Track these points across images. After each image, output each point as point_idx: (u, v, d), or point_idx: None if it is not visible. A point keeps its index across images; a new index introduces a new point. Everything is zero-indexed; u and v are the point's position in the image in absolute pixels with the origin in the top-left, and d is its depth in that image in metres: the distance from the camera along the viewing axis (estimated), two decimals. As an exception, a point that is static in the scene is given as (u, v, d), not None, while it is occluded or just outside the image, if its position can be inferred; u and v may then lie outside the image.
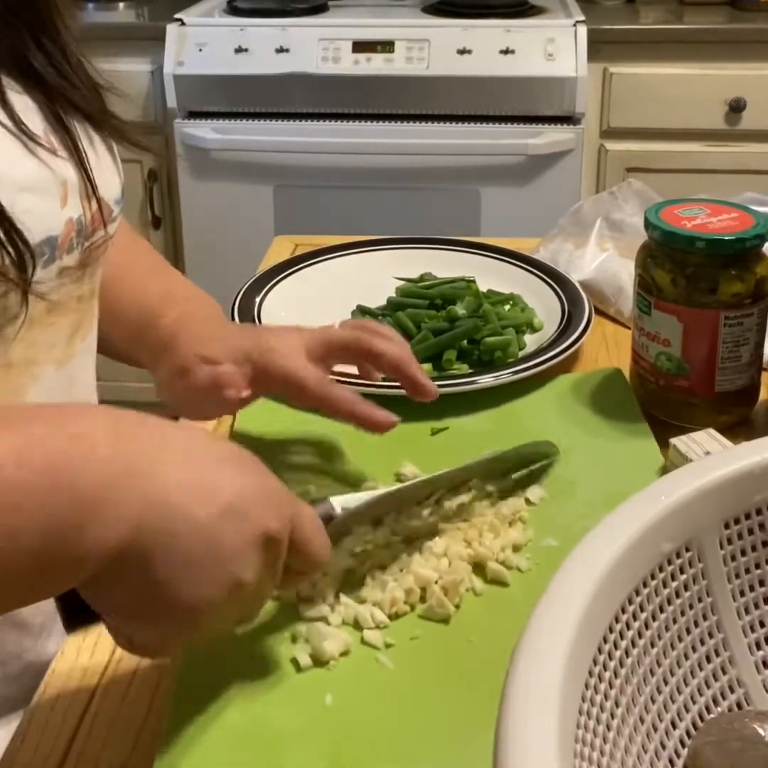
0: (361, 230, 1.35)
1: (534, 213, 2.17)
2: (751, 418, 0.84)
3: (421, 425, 0.83)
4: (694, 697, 0.47)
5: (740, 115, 2.21)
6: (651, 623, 0.45)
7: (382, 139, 2.21)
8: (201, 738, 0.55)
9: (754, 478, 0.48)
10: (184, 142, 2.26)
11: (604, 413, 0.85)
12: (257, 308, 0.98)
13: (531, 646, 0.38)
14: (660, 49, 2.21)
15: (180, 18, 2.29)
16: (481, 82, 2.17)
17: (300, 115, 2.25)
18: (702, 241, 0.77)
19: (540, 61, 2.16)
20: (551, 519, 0.71)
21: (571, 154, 2.19)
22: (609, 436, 0.82)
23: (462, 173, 2.21)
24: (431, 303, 0.99)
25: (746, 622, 0.49)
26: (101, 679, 0.60)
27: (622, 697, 0.43)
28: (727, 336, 0.79)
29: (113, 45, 2.33)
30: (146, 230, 2.42)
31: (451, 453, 0.79)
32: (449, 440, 0.83)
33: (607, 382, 0.89)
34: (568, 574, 0.41)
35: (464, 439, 0.82)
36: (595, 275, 1.04)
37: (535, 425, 0.84)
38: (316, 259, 1.08)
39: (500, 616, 0.63)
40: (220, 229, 2.32)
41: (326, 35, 2.24)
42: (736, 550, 0.49)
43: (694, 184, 2.17)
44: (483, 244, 1.11)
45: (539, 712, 0.35)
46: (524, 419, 0.85)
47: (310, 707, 0.57)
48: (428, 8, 2.41)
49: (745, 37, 2.21)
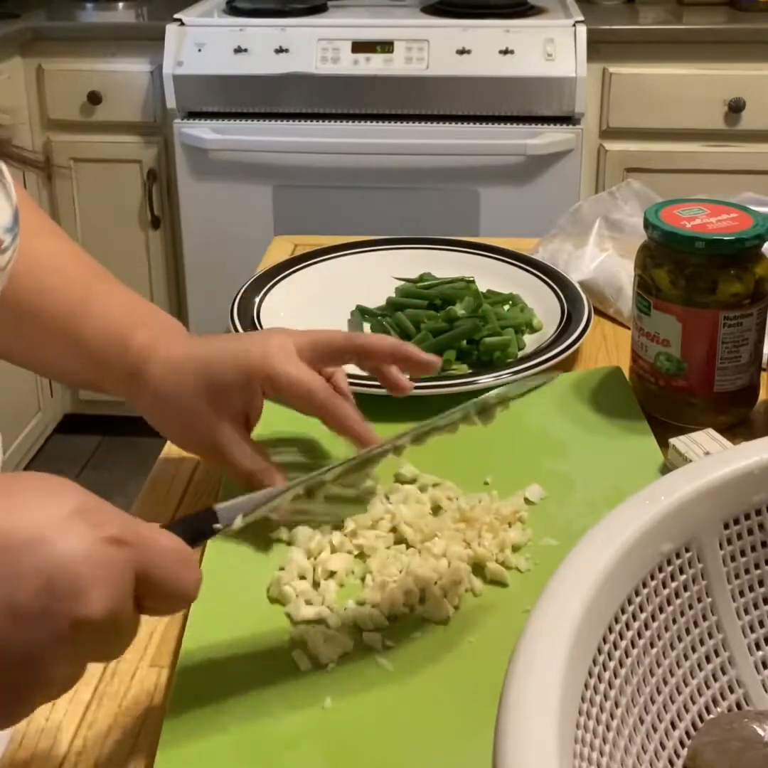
0: (361, 230, 1.35)
1: (533, 213, 2.17)
2: (751, 419, 0.84)
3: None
4: (694, 698, 0.47)
5: (739, 116, 2.21)
6: (651, 623, 0.45)
7: (381, 139, 2.22)
8: (199, 742, 0.55)
9: (753, 479, 0.48)
10: (184, 143, 2.26)
11: (604, 411, 0.84)
12: (257, 308, 0.98)
13: (531, 646, 0.38)
14: (659, 49, 2.21)
15: (179, 18, 2.29)
16: (480, 83, 2.18)
17: (299, 116, 2.25)
18: (701, 242, 0.77)
19: (539, 62, 2.16)
20: (551, 518, 0.71)
21: (571, 155, 2.19)
22: (609, 434, 0.82)
23: (461, 173, 2.21)
24: (430, 303, 0.99)
25: (746, 622, 0.49)
26: (99, 682, 0.60)
27: (621, 698, 0.43)
28: (727, 336, 0.79)
29: (112, 45, 2.34)
30: (145, 230, 2.42)
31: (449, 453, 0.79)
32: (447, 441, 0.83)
33: (607, 381, 0.89)
34: (568, 574, 0.41)
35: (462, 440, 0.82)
36: (594, 275, 1.04)
37: (534, 423, 0.84)
38: (315, 259, 1.08)
39: (500, 617, 0.63)
40: (220, 229, 2.32)
41: (325, 35, 2.24)
42: (736, 550, 0.49)
43: (693, 184, 2.17)
44: (482, 245, 1.11)
45: (539, 712, 0.35)
46: (524, 417, 0.85)
47: (309, 710, 0.57)
48: (428, 8, 2.41)
49: (745, 37, 2.21)
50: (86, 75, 2.35)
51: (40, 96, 2.38)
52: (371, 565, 0.66)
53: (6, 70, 2.29)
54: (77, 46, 2.34)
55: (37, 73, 2.36)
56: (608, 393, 0.87)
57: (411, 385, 0.74)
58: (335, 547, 0.68)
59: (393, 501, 0.72)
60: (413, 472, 0.76)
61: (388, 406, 0.86)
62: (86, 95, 2.34)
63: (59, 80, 2.36)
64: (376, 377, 0.74)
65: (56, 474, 0.45)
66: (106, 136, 2.38)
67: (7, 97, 2.30)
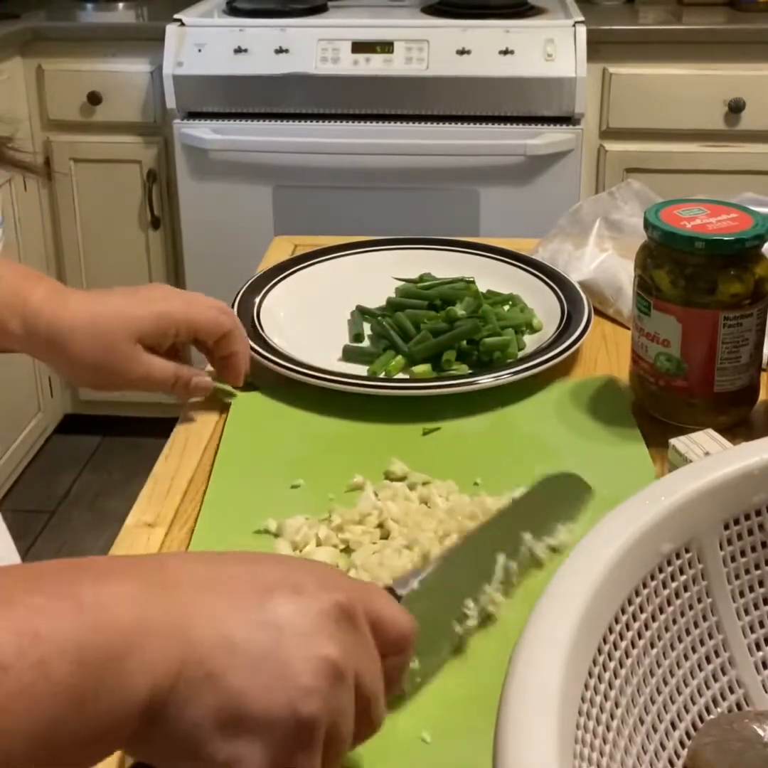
0: (361, 231, 1.35)
1: (533, 213, 2.17)
2: (751, 419, 0.84)
3: (414, 427, 0.83)
4: (694, 698, 0.47)
5: (739, 116, 2.21)
6: (651, 624, 0.45)
7: (381, 139, 2.22)
8: None
9: (753, 479, 0.48)
10: (183, 143, 2.26)
11: (599, 419, 0.84)
12: (256, 309, 0.98)
13: (530, 646, 0.38)
14: (659, 49, 2.21)
15: (179, 18, 2.29)
16: (480, 83, 2.18)
17: (299, 116, 2.25)
18: (701, 242, 0.77)
19: (539, 62, 2.16)
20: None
21: (571, 155, 2.19)
22: (602, 441, 0.82)
23: (461, 174, 2.21)
24: (430, 303, 0.99)
25: (746, 622, 0.49)
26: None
27: (621, 698, 0.43)
28: (727, 336, 0.79)
29: (112, 45, 2.34)
30: (145, 230, 2.42)
31: (442, 453, 0.80)
32: (441, 441, 0.83)
33: (603, 389, 0.89)
34: (568, 574, 0.41)
35: (456, 441, 0.82)
36: (594, 275, 1.03)
37: (528, 429, 0.84)
38: (315, 260, 1.08)
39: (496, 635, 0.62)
40: (220, 229, 2.32)
41: (325, 36, 2.24)
42: (736, 550, 0.49)
43: (693, 184, 2.17)
44: (482, 245, 1.11)
45: (539, 712, 0.35)
46: (518, 423, 0.85)
47: None
48: (427, 9, 2.41)
49: (744, 37, 2.21)
50: (86, 75, 2.34)
51: (40, 96, 2.38)
52: (356, 560, 0.66)
53: (6, 71, 2.29)
54: (77, 46, 2.34)
55: (37, 73, 2.36)
56: (603, 401, 0.87)
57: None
58: (321, 541, 0.68)
59: (381, 497, 0.72)
60: (403, 469, 0.76)
61: (388, 406, 0.86)
62: (86, 95, 2.34)
63: (59, 80, 2.36)
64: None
65: (56, 474, 0.44)
66: (106, 136, 2.38)
67: (7, 98, 2.30)
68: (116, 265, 2.48)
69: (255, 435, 0.82)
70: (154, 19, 2.42)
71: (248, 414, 0.85)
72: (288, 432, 0.83)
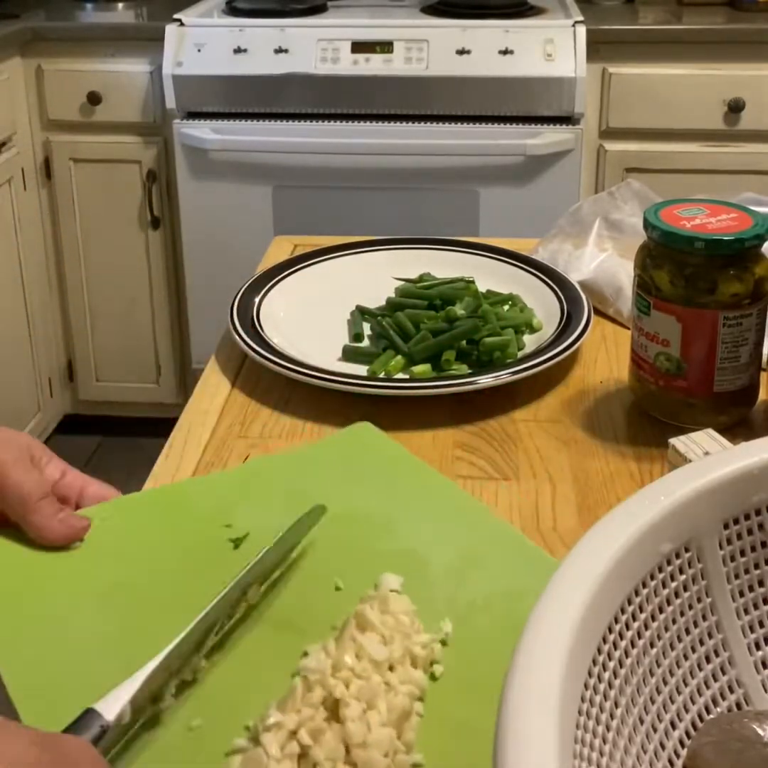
0: (360, 230, 1.35)
1: (533, 213, 2.17)
2: (750, 419, 0.84)
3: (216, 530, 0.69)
4: (694, 698, 0.47)
5: (739, 116, 2.21)
6: (650, 623, 0.45)
7: (380, 139, 2.22)
8: None
9: (753, 479, 0.48)
10: (183, 143, 2.26)
11: (399, 474, 0.75)
12: (256, 309, 0.98)
13: (530, 646, 0.38)
14: (659, 49, 2.21)
15: (179, 18, 2.29)
16: (480, 83, 2.18)
17: (299, 116, 2.25)
18: (701, 242, 0.77)
19: (539, 62, 2.16)
20: (432, 602, 0.62)
21: (570, 155, 2.19)
22: (422, 497, 0.72)
23: (461, 173, 2.21)
24: (430, 303, 0.99)
25: (746, 622, 0.49)
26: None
27: (621, 698, 0.43)
28: (726, 336, 0.79)
29: (112, 45, 2.34)
30: (145, 230, 2.42)
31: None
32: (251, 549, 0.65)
33: (367, 440, 0.79)
34: (568, 574, 0.41)
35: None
36: (594, 275, 1.04)
37: (353, 508, 0.71)
38: (315, 260, 1.08)
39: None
40: (219, 229, 2.32)
41: (325, 36, 2.24)
42: (736, 550, 0.49)
43: (693, 184, 2.18)
44: (482, 245, 1.11)
45: (539, 712, 0.35)
46: (340, 505, 0.70)
47: None
48: (427, 8, 2.41)
49: (744, 37, 2.21)
50: (86, 75, 2.35)
51: (39, 96, 2.38)
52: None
53: (6, 70, 2.29)
54: (77, 46, 2.34)
55: (37, 73, 2.36)
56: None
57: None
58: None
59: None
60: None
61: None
62: (86, 95, 2.34)
63: (59, 80, 2.36)
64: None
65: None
66: (106, 136, 2.39)
67: (6, 98, 2.30)
68: (116, 265, 2.48)
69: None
70: (153, 19, 2.42)
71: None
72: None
